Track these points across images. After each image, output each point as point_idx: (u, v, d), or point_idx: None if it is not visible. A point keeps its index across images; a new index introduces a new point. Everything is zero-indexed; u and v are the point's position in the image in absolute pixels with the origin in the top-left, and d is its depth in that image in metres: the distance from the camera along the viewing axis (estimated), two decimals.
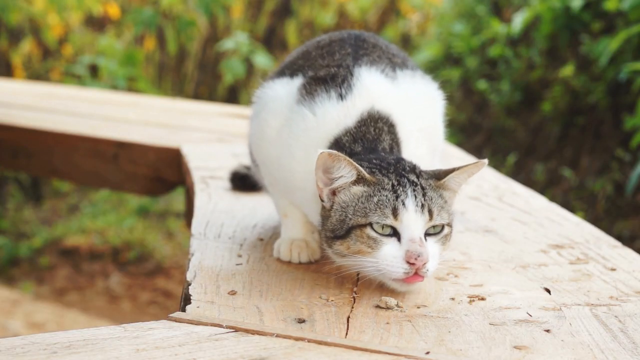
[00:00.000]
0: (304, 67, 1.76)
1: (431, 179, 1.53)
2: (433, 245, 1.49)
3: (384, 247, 1.46)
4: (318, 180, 1.52)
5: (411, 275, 1.44)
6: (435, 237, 1.50)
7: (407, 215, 1.45)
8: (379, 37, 1.90)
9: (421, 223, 1.46)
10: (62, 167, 3.21)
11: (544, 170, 4.32)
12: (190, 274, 1.58)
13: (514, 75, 4.88)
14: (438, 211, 1.49)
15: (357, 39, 1.80)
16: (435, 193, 1.51)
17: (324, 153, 1.47)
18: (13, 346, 1.21)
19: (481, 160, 1.54)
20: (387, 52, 1.81)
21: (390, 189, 1.48)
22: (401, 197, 1.46)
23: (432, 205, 1.48)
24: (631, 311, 1.44)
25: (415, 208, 1.46)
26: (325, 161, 1.49)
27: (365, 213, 1.47)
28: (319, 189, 1.54)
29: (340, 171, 1.50)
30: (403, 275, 1.44)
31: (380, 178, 1.50)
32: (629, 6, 3.68)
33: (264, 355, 1.21)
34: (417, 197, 1.47)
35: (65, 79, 6.62)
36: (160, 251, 5.27)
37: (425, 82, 1.81)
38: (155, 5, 6.49)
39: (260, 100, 1.78)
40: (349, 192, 1.51)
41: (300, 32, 7.55)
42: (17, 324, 4.20)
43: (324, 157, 1.48)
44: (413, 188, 1.48)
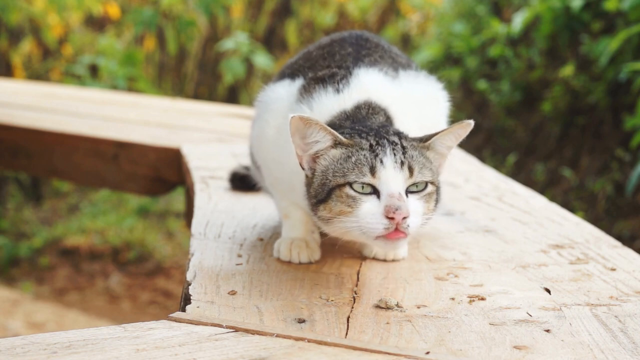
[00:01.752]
0: (305, 68, 1.77)
1: (415, 141, 1.54)
2: (415, 202, 1.48)
3: (364, 205, 1.46)
4: (296, 147, 1.54)
5: (392, 230, 1.44)
6: (418, 195, 1.49)
7: (385, 172, 1.46)
8: (382, 38, 1.90)
9: (400, 179, 1.47)
10: (62, 167, 3.21)
11: (544, 170, 4.32)
12: (190, 274, 1.58)
13: (514, 75, 4.88)
14: (419, 168, 1.49)
15: (359, 39, 1.80)
16: (418, 152, 1.52)
17: (295, 117, 1.48)
18: (13, 346, 1.21)
19: (466, 121, 1.54)
20: (389, 52, 1.81)
21: (369, 148, 1.50)
22: (379, 156, 1.48)
23: (413, 162, 1.49)
24: (631, 311, 1.44)
25: (393, 165, 1.47)
26: (298, 125, 1.50)
27: (344, 173, 1.48)
28: (298, 157, 1.55)
29: (314, 136, 1.51)
30: (384, 231, 1.44)
31: (358, 140, 1.52)
32: (629, 6, 3.68)
33: (264, 355, 1.21)
34: (397, 154, 1.48)
35: (65, 79, 6.62)
36: (160, 251, 5.27)
37: (428, 82, 1.81)
38: (155, 5, 6.49)
39: (262, 103, 1.78)
40: (327, 156, 1.53)
41: (300, 32, 7.55)
42: (17, 324, 4.20)
43: (296, 121, 1.49)
44: (392, 147, 1.49)
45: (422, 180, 1.49)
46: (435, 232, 1.96)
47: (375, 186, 1.46)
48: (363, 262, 1.70)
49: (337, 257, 1.72)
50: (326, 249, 1.74)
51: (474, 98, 5.38)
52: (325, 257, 1.71)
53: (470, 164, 2.86)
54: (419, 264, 1.71)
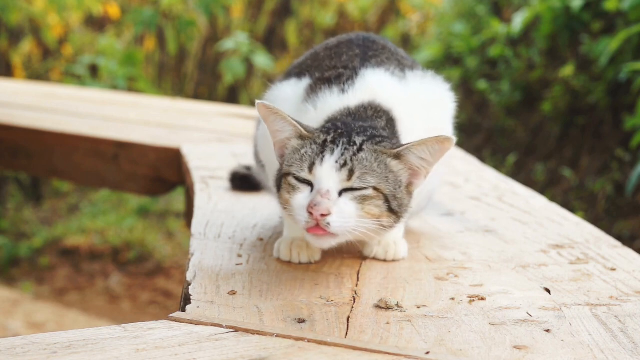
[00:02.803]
0: (312, 68, 1.78)
1: (384, 147, 1.52)
2: (347, 202, 1.48)
3: (298, 195, 1.50)
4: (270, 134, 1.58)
5: (312, 225, 1.46)
6: (353, 194, 1.49)
7: (321, 170, 1.48)
8: (388, 40, 1.90)
9: (335, 179, 1.47)
10: (62, 167, 3.21)
11: (544, 170, 4.32)
12: (190, 274, 1.58)
13: (514, 75, 4.88)
14: (361, 173, 1.48)
15: (366, 41, 1.80)
16: (375, 158, 1.51)
17: (259, 103, 1.53)
18: (13, 346, 1.21)
19: (444, 136, 1.51)
20: (396, 54, 1.81)
21: (320, 144, 1.51)
22: (324, 153, 1.49)
23: (357, 166, 1.48)
24: (631, 311, 1.44)
25: (333, 164, 1.48)
26: (262, 112, 1.54)
27: (291, 163, 1.52)
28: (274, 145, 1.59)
29: (276, 124, 1.55)
30: (305, 225, 1.47)
31: (318, 134, 1.53)
32: (629, 6, 3.68)
33: (264, 355, 1.21)
34: (344, 155, 1.48)
35: (65, 79, 6.62)
36: (160, 251, 5.27)
37: (436, 83, 1.81)
38: (155, 5, 6.48)
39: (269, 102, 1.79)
40: (290, 145, 1.56)
41: (300, 32, 7.55)
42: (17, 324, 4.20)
43: (260, 108, 1.53)
44: (345, 147, 1.49)
45: (361, 185, 1.48)
46: (435, 232, 1.96)
47: (311, 182, 1.49)
48: (363, 262, 1.70)
49: (337, 257, 1.72)
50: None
51: (474, 98, 5.38)
52: (325, 257, 1.71)
53: (470, 164, 2.86)
54: (419, 264, 1.71)
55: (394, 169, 1.53)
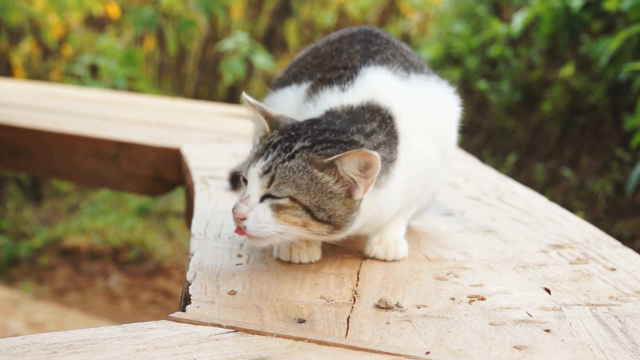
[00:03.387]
0: (312, 66, 1.77)
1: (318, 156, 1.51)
2: (265, 208, 1.50)
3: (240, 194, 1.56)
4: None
5: (236, 226, 1.52)
6: (271, 201, 1.50)
7: (250, 174, 1.52)
8: (391, 34, 1.88)
9: (257, 184, 1.51)
10: (62, 167, 3.21)
11: (544, 170, 4.32)
12: (190, 274, 1.58)
13: (514, 75, 4.88)
14: (280, 182, 1.49)
15: (369, 35, 1.79)
16: (302, 167, 1.50)
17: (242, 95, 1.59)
18: (13, 346, 1.21)
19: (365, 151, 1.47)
20: (400, 50, 1.79)
21: (263, 146, 1.55)
22: (260, 157, 1.52)
23: (279, 174, 1.50)
24: (631, 311, 1.44)
25: (259, 170, 1.51)
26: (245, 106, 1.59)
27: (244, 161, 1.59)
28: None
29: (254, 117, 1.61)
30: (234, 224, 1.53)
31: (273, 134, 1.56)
32: (629, 6, 3.68)
33: (264, 355, 1.21)
34: (273, 161, 1.50)
35: (65, 79, 6.62)
36: (160, 251, 5.27)
37: (439, 86, 1.80)
38: (155, 5, 6.48)
39: (271, 106, 1.80)
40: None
41: (300, 32, 7.55)
42: (17, 324, 4.20)
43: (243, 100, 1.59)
44: (279, 152, 1.51)
45: (277, 194, 1.49)
46: (435, 232, 1.96)
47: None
48: (363, 262, 1.70)
49: (337, 257, 1.72)
50: (326, 248, 1.74)
51: (474, 98, 5.38)
52: (325, 257, 1.71)
53: (470, 164, 2.86)
54: (419, 264, 1.71)
55: (321, 180, 1.50)
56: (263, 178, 1.50)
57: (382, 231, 1.73)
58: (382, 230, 1.73)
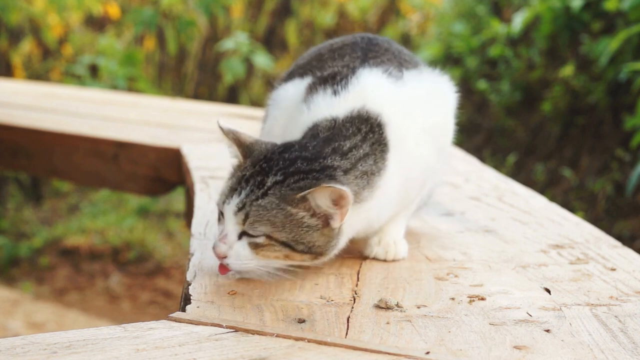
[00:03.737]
0: (314, 67, 1.78)
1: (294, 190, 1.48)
2: (243, 246, 1.50)
3: (218, 227, 1.55)
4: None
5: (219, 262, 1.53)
6: (248, 239, 1.49)
7: (226, 210, 1.51)
8: (393, 42, 1.88)
9: (233, 222, 1.50)
10: (62, 167, 3.21)
11: (544, 170, 4.32)
12: (190, 274, 1.58)
13: (514, 75, 4.88)
14: (254, 220, 1.47)
15: (369, 43, 1.79)
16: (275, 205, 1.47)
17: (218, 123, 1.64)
18: (13, 346, 1.21)
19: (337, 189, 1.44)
20: (398, 57, 1.79)
21: (237, 180, 1.54)
22: (234, 192, 1.51)
23: (253, 213, 1.47)
24: (631, 311, 1.44)
25: (234, 208, 1.49)
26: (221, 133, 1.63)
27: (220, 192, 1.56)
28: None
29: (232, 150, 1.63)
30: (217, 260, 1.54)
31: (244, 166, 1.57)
32: (629, 6, 3.68)
33: (264, 355, 1.21)
34: (247, 198, 1.48)
35: (65, 79, 6.62)
36: (160, 251, 5.27)
37: (433, 78, 1.80)
38: (155, 5, 6.48)
39: (274, 101, 1.82)
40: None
41: (300, 32, 7.55)
42: (17, 324, 4.20)
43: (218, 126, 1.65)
44: (252, 189, 1.49)
45: (252, 233, 1.49)
46: (435, 232, 1.96)
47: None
48: (363, 262, 1.70)
49: (337, 257, 1.72)
50: None
51: (474, 98, 5.38)
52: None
53: (470, 164, 2.86)
54: (419, 264, 1.71)
55: (296, 216, 1.48)
56: (238, 215, 1.48)
57: (382, 232, 1.73)
58: (381, 230, 1.74)
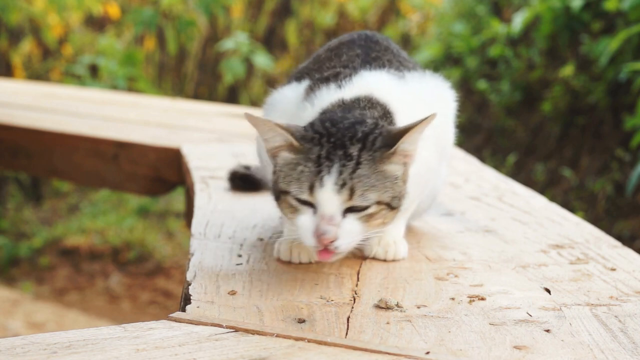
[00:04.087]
0: (312, 70, 1.78)
1: (381, 149, 1.49)
2: (352, 222, 1.48)
3: (301, 216, 1.49)
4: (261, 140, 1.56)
5: (320, 250, 1.47)
6: (357, 215, 1.48)
7: (322, 193, 1.45)
8: (391, 40, 1.89)
9: (336, 201, 1.45)
10: (62, 167, 3.21)
11: (544, 170, 4.32)
12: (190, 274, 1.58)
13: (514, 75, 4.88)
14: (362, 191, 1.46)
15: (368, 40, 1.79)
16: (373, 170, 1.48)
17: (246, 114, 1.50)
18: (13, 346, 1.21)
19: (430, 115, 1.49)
20: (398, 56, 1.80)
21: (315, 160, 1.47)
22: (322, 173, 1.45)
23: (358, 184, 1.45)
24: (631, 311, 1.44)
25: (332, 186, 1.45)
26: (250, 122, 1.51)
27: (288, 182, 1.49)
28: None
29: (266, 133, 1.51)
30: (313, 248, 1.49)
31: (309, 147, 1.48)
32: (629, 6, 3.68)
33: (264, 355, 1.21)
34: (343, 173, 1.45)
35: (65, 79, 6.62)
36: (160, 251, 5.27)
37: (435, 82, 1.81)
38: (155, 5, 6.49)
39: (270, 105, 1.81)
40: (282, 156, 1.53)
41: (300, 32, 7.55)
42: (17, 324, 4.20)
43: (248, 118, 1.50)
44: (342, 163, 1.46)
45: (362, 204, 1.47)
46: (435, 232, 1.96)
47: (311, 203, 1.47)
48: (363, 262, 1.70)
49: None
50: None
51: (474, 98, 5.38)
52: None
53: (470, 164, 2.86)
54: (419, 264, 1.71)
55: (392, 171, 1.51)
56: (342, 193, 1.44)
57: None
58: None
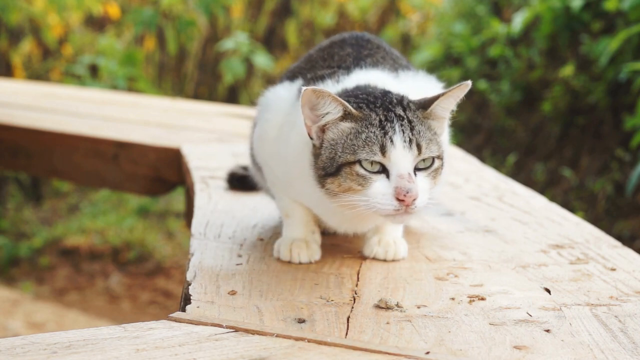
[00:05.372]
0: (305, 70, 1.78)
1: (418, 109, 1.53)
2: (423, 179, 1.49)
3: (374, 184, 1.47)
4: (305, 118, 1.53)
5: (401, 212, 1.46)
6: (425, 172, 1.50)
7: (395, 151, 1.46)
8: (382, 40, 1.90)
9: (410, 158, 1.47)
10: (62, 167, 3.21)
11: (544, 170, 4.32)
12: (190, 274, 1.58)
13: (514, 75, 4.88)
14: (427, 144, 1.49)
15: (360, 39, 1.80)
16: (423, 125, 1.51)
17: (307, 89, 1.48)
18: (13, 346, 1.21)
19: (465, 82, 1.52)
20: (390, 54, 1.81)
21: (378, 124, 1.48)
22: (389, 134, 1.47)
23: (420, 139, 1.48)
24: (631, 311, 1.44)
25: (403, 144, 1.46)
26: (310, 98, 1.49)
27: (354, 150, 1.48)
28: (307, 127, 1.54)
29: (325, 107, 1.50)
30: (393, 212, 1.47)
31: (367, 113, 1.50)
32: (629, 6, 3.68)
33: (264, 355, 1.21)
34: (405, 132, 1.47)
35: (65, 79, 6.62)
36: (160, 251, 5.27)
37: (428, 81, 1.81)
38: (155, 5, 6.49)
39: (263, 105, 1.80)
40: (337, 128, 1.52)
41: (300, 32, 7.55)
42: (17, 324, 4.20)
43: (308, 94, 1.48)
44: (400, 123, 1.48)
45: (430, 156, 1.50)
46: (435, 232, 1.96)
47: (384, 165, 1.47)
48: (363, 262, 1.70)
49: (337, 257, 1.72)
50: (326, 249, 1.74)
51: (474, 98, 5.38)
52: (325, 257, 1.71)
53: (470, 164, 2.86)
54: (419, 264, 1.71)
55: (435, 129, 1.54)
56: (412, 149, 1.47)
57: (381, 231, 1.74)
58: (380, 230, 1.74)
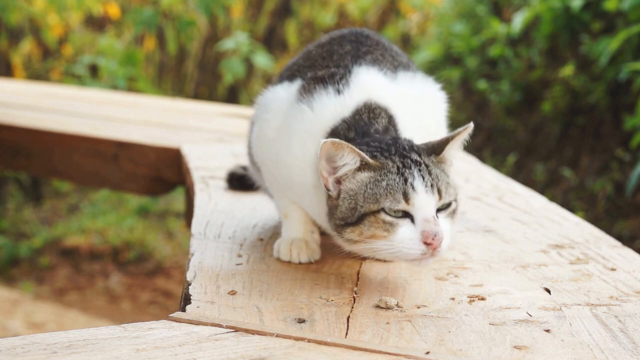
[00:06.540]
0: (304, 68, 1.77)
1: (431, 155, 1.54)
2: (444, 221, 1.50)
3: (400, 230, 1.46)
4: (322, 170, 1.52)
5: (428, 255, 1.46)
6: (445, 212, 1.51)
7: (418, 197, 1.46)
8: (382, 35, 1.89)
9: (432, 203, 1.47)
10: (62, 167, 3.21)
11: (544, 170, 4.32)
12: (190, 274, 1.58)
13: (514, 75, 4.88)
14: (446, 188, 1.50)
15: (359, 36, 1.79)
16: (439, 169, 1.52)
17: (327, 142, 1.47)
18: (13, 346, 1.21)
19: (468, 125, 1.54)
20: (390, 50, 1.80)
21: (397, 171, 1.49)
22: (409, 180, 1.47)
23: (440, 183, 1.49)
24: (631, 311, 1.44)
25: (425, 188, 1.47)
26: (329, 150, 1.49)
27: (377, 199, 1.48)
28: (323, 179, 1.53)
29: (343, 159, 1.50)
30: (420, 256, 1.46)
31: (384, 161, 1.50)
32: (629, 6, 3.68)
33: (264, 355, 1.21)
34: (425, 177, 1.48)
35: (65, 79, 6.63)
36: (160, 251, 5.27)
37: (426, 83, 1.81)
38: (155, 5, 6.49)
39: (262, 105, 1.79)
40: (355, 179, 1.51)
41: (300, 32, 7.55)
42: (17, 324, 4.20)
43: (328, 147, 1.48)
44: (418, 168, 1.49)
45: (449, 200, 1.50)
46: None
47: (407, 211, 1.47)
48: (363, 262, 1.70)
49: (337, 257, 1.72)
50: (326, 249, 1.74)
51: (474, 98, 5.38)
52: (325, 257, 1.71)
53: (470, 164, 2.86)
54: None
55: (449, 174, 1.56)
56: (434, 194, 1.48)
57: None
58: None
